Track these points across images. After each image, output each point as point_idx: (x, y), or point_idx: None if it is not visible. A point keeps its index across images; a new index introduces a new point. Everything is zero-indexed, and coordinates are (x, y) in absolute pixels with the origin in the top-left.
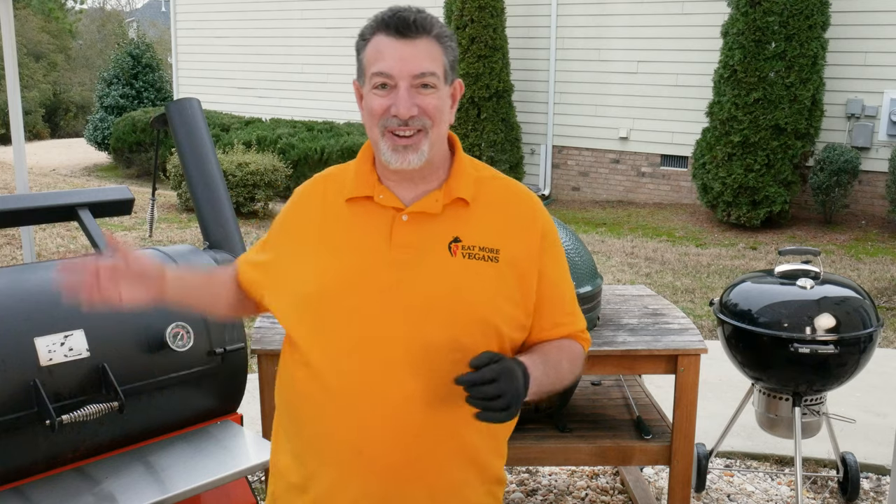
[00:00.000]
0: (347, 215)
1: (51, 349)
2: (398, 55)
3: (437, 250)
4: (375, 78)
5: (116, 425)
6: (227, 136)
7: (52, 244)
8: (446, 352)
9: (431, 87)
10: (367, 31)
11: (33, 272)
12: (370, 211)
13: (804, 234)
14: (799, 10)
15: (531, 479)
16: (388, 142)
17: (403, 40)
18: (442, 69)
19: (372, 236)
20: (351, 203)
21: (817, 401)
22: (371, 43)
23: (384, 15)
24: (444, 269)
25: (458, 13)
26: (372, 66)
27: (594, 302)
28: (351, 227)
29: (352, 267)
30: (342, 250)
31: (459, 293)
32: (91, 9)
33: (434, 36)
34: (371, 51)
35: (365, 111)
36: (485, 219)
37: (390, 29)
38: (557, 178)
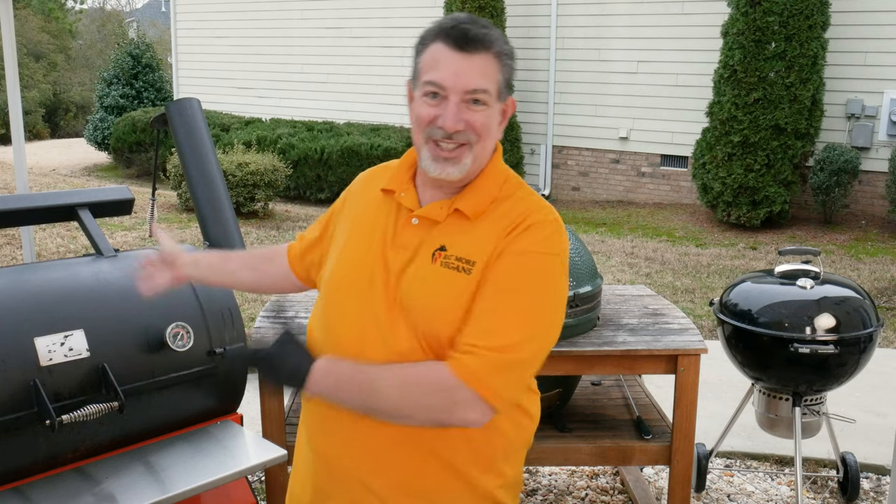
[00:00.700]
0: (376, 206)
1: (51, 349)
2: (454, 68)
3: (423, 256)
4: (427, 86)
5: (116, 425)
6: (227, 136)
7: (52, 244)
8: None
9: (482, 103)
10: (427, 35)
11: (33, 272)
12: (391, 207)
13: (804, 234)
14: (799, 10)
15: (531, 479)
16: (430, 151)
17: (462, 54)
18: (496, 86)
19: (381, 232)
20: (384, 194)
21: (817, 401)
22: (429, 49)
23: (447, 24)
24: (421, 275)
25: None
26: (426, 73)
27: (594, 302)
28: (374, 220)
29: (352, 261)
30: (354, 242)
31: (427, 304)
32: (91, 9)
33: (494, 53)
34: (428, 57)
35: (413, 115)
36: (483, 234)
37: (450, 40)
38: (557, 178)
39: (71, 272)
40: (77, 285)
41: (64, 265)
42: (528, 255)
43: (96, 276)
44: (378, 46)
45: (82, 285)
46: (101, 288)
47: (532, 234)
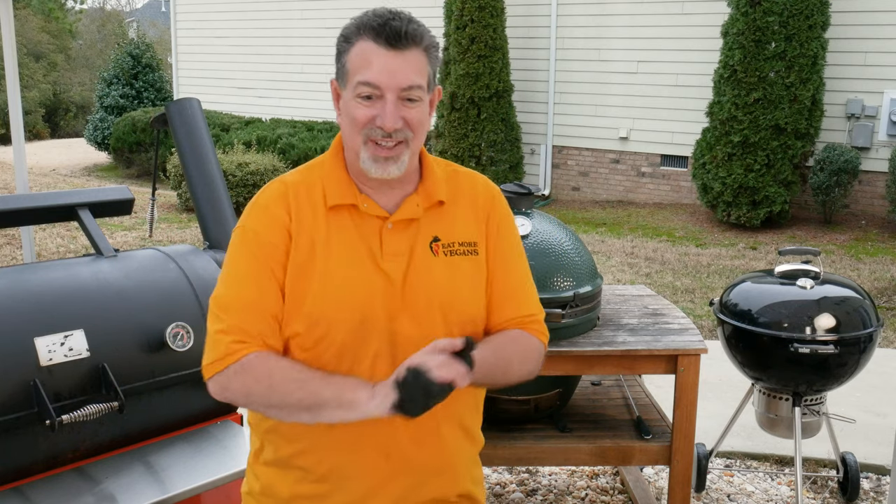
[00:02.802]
0: (332, 225)
1: (51, 349)
2: (387, 67)
3: (420, 254)
4: (361, 87)
5: (116, 425)
6: (227, 136)
7: (52, 244)
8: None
9: (416, 99)
10: (350, 33)
11: (33, 272)
12: (355, 220)
13: (804, 234)
14: (799, 10)
15: (531, 479)
16: (370, 151)
17: (393, 51)
18: (427, 80)
19: (364, 246)
20: (333, 212)
21: (817, 401)
22: (356, 47)
23: (373, 21)
24: (433, 271)
25: (458, 13)
26: (357, 73)
27: (594, 302)
28: (341, 238)
29: (355, 280)
30: (341, 262)
31: (452, 294)
32: (91, 9)
33: (423, 47)
34: (356, 57)
35: (346, 118)
36: (458, 214)
37: (380, 38)
38: (557, 178)
39: (71, 272)
40: (77, 285)
41: (64, 265)
42: (508, 218)
43: (96, 276)
44: None
45: (82, 285)
46: (101, 288)
47: (499, 199)
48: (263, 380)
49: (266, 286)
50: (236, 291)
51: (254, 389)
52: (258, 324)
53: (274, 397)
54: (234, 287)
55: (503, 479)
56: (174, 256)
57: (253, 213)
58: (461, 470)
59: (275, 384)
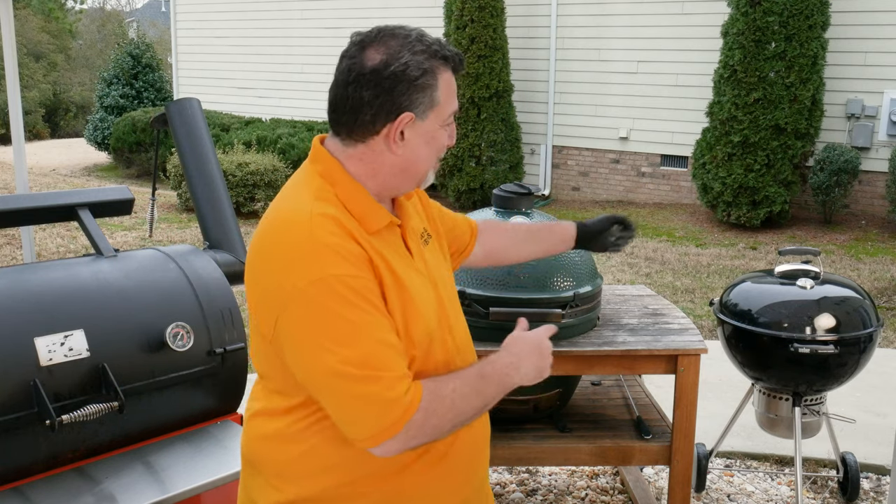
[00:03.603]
0: (379, 245)
1: (51, 349)
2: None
3: (422, 245)
4: (451, 117)
5: (116, 425)
6: (227, 136)
7: (52, 244)
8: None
9: None
10: (434, 66)
11: (33, 272)
12: (388, 234)
13: (804, 234)
14: (799, 10)
15: (531, 479)
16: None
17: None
18: None
19: (404, 255)
20: (375, 235)
21: (817, 401)
22: (443, 79)
23: (445, 51)
24: (433, 258)
25: (458, 13)
26: (449, 104)
27: (594, 302)
28: (390, 253)
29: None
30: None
31: (449, 273)
32: (91, 9)
33: None
34: (445, 88)
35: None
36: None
37: (455, 66)
38: (557, 178)
39: (71, 272)
40: (77, 285)
41: (64, 265)
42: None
43: (96, 276)
44: None
45: (82, 285)
46: (101, 288)
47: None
48: (448, 412)
49: (386, 323)
50: (366, 342)
51: (440, 426)
52: (404, 361)
53: (456, 421)
54: (359, 339)
55: (503, 479)
56: (174, 256)
57: (326, 258)
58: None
59: (458, 409)
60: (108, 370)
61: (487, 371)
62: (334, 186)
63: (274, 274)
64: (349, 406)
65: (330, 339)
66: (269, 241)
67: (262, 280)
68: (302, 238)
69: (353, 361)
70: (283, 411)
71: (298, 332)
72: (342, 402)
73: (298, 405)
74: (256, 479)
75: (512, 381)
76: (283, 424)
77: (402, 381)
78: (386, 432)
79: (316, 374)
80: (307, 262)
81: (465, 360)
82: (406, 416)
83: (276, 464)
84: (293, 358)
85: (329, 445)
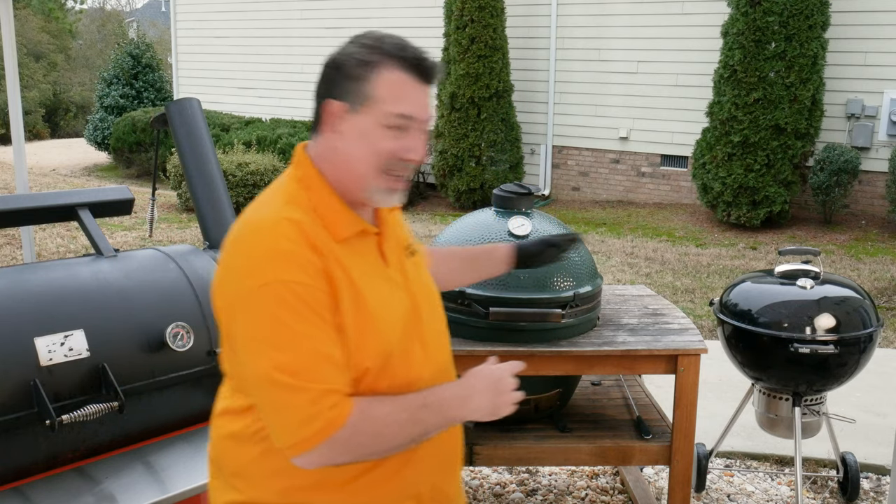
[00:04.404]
0: (348, 253)
1: (51, 349)
2: (420, 101)
3: (402, 258)
4: (397, 119)
5: (116, 425)
6: (227, 136)
7: (52, 244)
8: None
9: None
10: (374, 60)
11: (33, 272)
12: (359, 242)
13: (804, 234)
14: (799, 10)
15: (531, 479)
16: (387, 184)
17: (424, 87)
18: None
19: (377, 264)
20: (343, 243)
21: (817, 401)
22: (388, 76)
23: (405, 52)
24: (415, 270)
25: (458, 13)
26: (392, 104)
27: (594, 302)
28: (358, 262)
29: (389, 298)
30: (374, 288)
31: (432, 285)
32: (91, 9)
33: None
34: (389, 86)
35: (362, 146)
36: (396, 218)
37: (416, 72)
38: (557, 178)
39: (71, 272)
40: (77, 285)
41: (64, 265)
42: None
43: (96, 276)
44: None
45: (82, 285)
46: (101, 288)
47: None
48: (376, 435)
49: (330, 335)
50: (302, 351)
51: (365, 448)
52: (340, 376)
53: (386, 446)
54: (297, 347)
55: (503, 479)
56: (174, 256)
57: (280, 263)
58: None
59: (388, 433)
60: (108, 370)
61: (431, 401)
62: (308, 191)
63: (234, 274)
64: (274, 412)
65: (268, 343)
66: (235, 243)
67: (225, 279)
68: (263, 242)
69: (286, 368)
70: (242, 410)
71: (243, 333)
72: (269, 407)
73: (255, 404)
74: (218, 478)
75: (458, 414)
76: (242, 425)
77: (329, 396)
78: (305, 443)
79: (251, 375)
80: (262, 266)
81: (436, 377)
82: (328, 431)
83: (235, 464)
84: (240, 357)
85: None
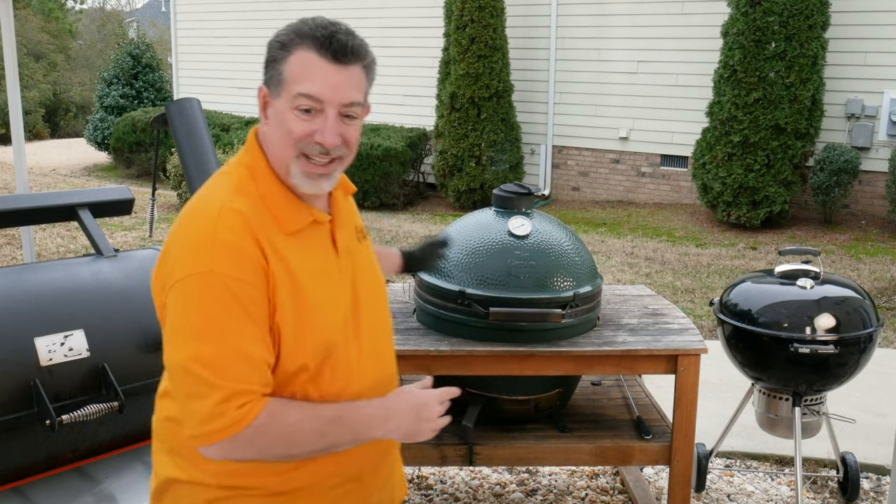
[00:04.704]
0: (296, 246)
1: (51, 349)
2: (330, 81)
3: (355, 245)
4: (301, 100)
5: (116, 425)
6: (227, 136)
7: (52, 244)
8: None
9: (355, 116)
10: (289, 40)
11: (33, 272)
12: (309, 233)
13: (804, 234)
14: (799, 10)
15: (531, 479)
16: (302, 167)
17: (337, 66)
18: (364, 97)
19: (324, 256)
20: (293, 235)
21: (817, 401)
22: (296, 57)
23: (316, 31)
24: (366, 258)
25: (458, 13)
26: (298, 84)
27: (594, 302)
28: (306, 256)
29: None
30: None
31: (379, 275)
32: (91, 9)
33: (364, 64)
34: (297, 66)
35: (279, 129)
36: (349, 202)
37: (325, 51)
38: (557, 178)
39: (71, 272)
40: (77, 285)
41: (64, 265)
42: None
43: (96, 276)
44: (377, 46)
45: (82, 285)
46: (101, 288)
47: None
48: (281, 439)
49: (256, 333)
50: (223, 346)
51: (269, 450)
52: (257, 376)
53: (293, 451)
54: (218, 342)
55: (503, 479)
56: None
57: (218, 254)
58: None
59: (294, 440)
60: (108, 370)
61: (346, 416)
62: (256, 180)
63: (172, 257)
64: (185, 401)
65: (192, 334)
66: (178, 227)
67: (163, 262)
68: (203, 230)
69: (204, 361)
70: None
71: (171, 318)
72: (180, 395)
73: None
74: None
75: (372, 433)
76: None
77: (240, 396)
78: (208, 437)
79: (171, 361)
80: (199, 254)
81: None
82: (231, 430)
83: (175, 444)
84: (164, 339)
85: None
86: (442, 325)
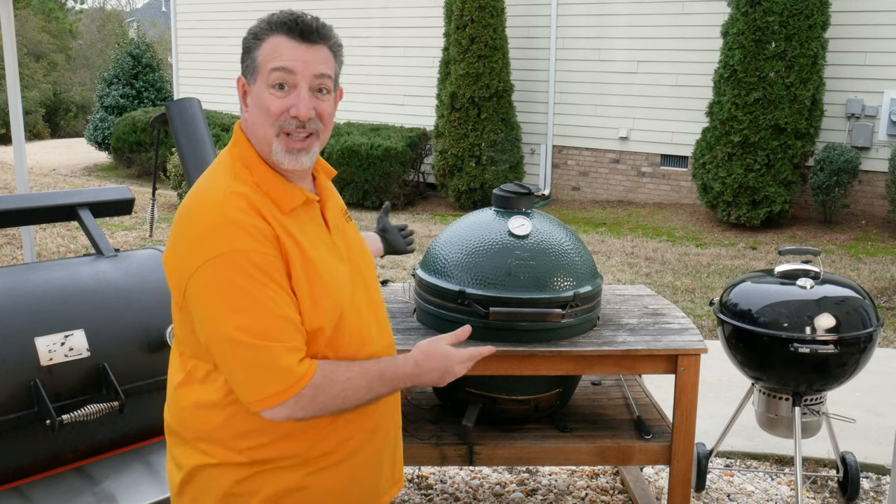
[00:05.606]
0: (294, 222)
1: (51, 349)
2: (300, 57)
3: (343, 224)
4: (274, 74)
5: (116, 425)
6: (227, 136)
7: (52, 244)
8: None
9: (327, 91)
10: (261, 30)
11: (33, 272)
12: (303, 211)
13: (804, 234)
14: (799, 10)
15: (531, 479)
16: (283, 143)
17: (305, 45)
18: (334, 75)
19: (320, 231)
20: (289, 214)
21: (817, 401)
22: (268, 43)
23: (284, 18)
24: (354, 235)
25: (458, 13)
26: (270, 62)
27: (594, 302)
28: (305, 230)
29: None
30: (320, 252)
31: (366, 249)
32: (91, 9)
33: (331, 45)
34: (268, 50)
35: (258, 111)
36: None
37: (293, 33)
38: (557, 178)
39: (71, 272)
40: (77, 285)
41: (64, 265)
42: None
43: (96, 276)
44: (377, 46)
45: (82, 285)
46: (101, 288)
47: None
48: (337, 395)
49: (286, 298)
50: (264, 314)
51: (328, 406)
52: (300, 335)
53: (343, 406)
54: (258, 311)
55: (503, 478)
56: None
57: (233, 233)
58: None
59: (347, 396)
60: (109, 370)
61: (388, 374)
62: (249, 169)
63: (186, 246)
64: (241, 370)
65: (228, 308)
66: (185, 217)
67: (177, 251)
68: (214, 214)
69: (248, 330)
70: (201, 378)
71: (202, 300)
72: (235, 366)
73: (214, 368)
74: (182, 447)
75: (405, 386)
76: (203, 393)
77: (294, 353)
78: (276, 397)
79: (215, 338)
80: (216, 237)
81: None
82: (298, 387)
83: (202, 429)
84: (198, 324)
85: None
86: (442, 325)
